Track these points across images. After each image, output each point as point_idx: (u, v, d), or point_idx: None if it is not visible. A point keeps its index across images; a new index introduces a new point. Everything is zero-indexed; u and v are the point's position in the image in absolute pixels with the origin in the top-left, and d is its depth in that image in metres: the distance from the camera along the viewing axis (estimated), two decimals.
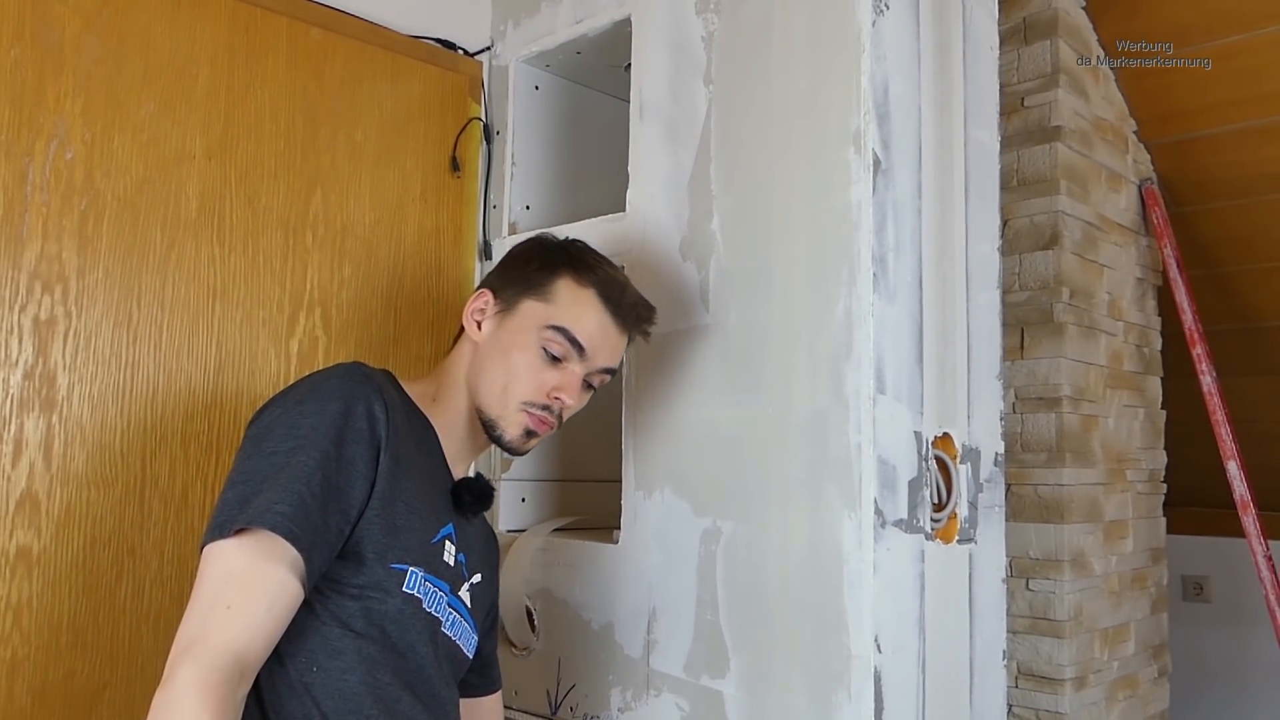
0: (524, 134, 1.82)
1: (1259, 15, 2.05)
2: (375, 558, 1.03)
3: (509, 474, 1.75)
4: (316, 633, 1.01)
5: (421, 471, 1.11)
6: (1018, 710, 2.04)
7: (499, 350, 1.18)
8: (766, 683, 1.28)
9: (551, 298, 1.18)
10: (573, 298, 1.18)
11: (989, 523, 1.40)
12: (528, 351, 1.16)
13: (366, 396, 1.05)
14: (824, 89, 1.30)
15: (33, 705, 1.26)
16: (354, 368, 1.09)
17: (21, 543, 1.26)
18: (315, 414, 1.01)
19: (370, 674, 1.02)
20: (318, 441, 0.99)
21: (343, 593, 1.02)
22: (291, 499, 0.94)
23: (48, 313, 1.30)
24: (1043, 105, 2.10)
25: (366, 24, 1.66)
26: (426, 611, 1.08)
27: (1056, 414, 2.05)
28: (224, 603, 0.90)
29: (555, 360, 1.17)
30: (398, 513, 1.05)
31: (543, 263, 1.21)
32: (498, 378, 1.16)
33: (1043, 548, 2.05)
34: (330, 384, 1.05)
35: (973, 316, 1.40)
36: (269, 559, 0.93)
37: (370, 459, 1.03)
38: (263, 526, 0.92)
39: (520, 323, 1.18)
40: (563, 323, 1.17)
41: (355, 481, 1.01)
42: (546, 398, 1.16)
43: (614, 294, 1.20)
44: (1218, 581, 3.18)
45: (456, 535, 1.15)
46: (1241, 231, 2.44)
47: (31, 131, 1.29)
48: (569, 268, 1.20)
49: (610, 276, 1.22)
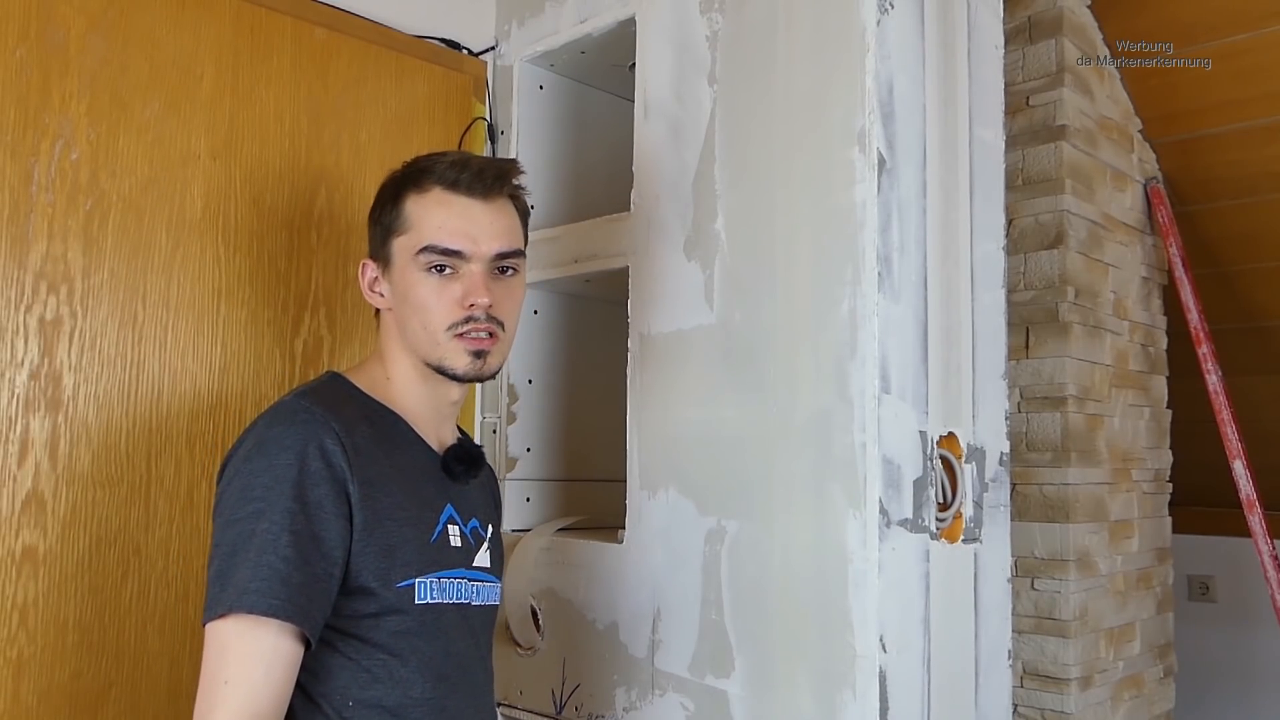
0: (528, 134, 1.82)
1: (1264, 14, 2.04)
2: (380, 584, 1.03)
3: (514, 474, 1.75)
4: (344, 669, 1.03)
5: (401, 474, 1.09)
6: (1023, 710, 2.04)
7: (400, 300, 1.13)
8: (771, 682, 1.28)
9: (408, 224, 1.13)
10: (422, 210, 1.12)
11: (994, 522, 1.40)
12: (420, 285, 1.11)
13: (316, 436, 1.01)
14: (828, 88, 1.29)
15: (38, 705, 1.26)
16: (295, 407, 1.05)
17: (27, 542, 1.26)
18: (266, 470, 0.99)
19: (406, 694, 1.04)
20: (277, 501, 0.98)
21: (360, 625, 1.03)
22: (265, 574, 0.95)
23: (53, 313, 1.30)
24: (1048, 104, 2.10)
25: (371, 24, 1.66)
26: (452, 604, 1.09)
27: (1061, 413, 2.05)
28: (222, 679, 0.94)
29: (448, 276, 1.11)
30: (388, 533, 1.04)
31: (387, 202, 1.16)
32: (414, 323, 1.12)
33: (1048, 547, 2.05)
34: (275, 433, 1.02)
35: (978, 316, 1.39)
36: (257, 627, 0.95)
37: (338, 496, 1.01)
38: (243, 611, 0.94)
39: (399, 265, 1.13)
40: (426, 240, 1.11)
41: (329, 524, 1.00)
42: (463, 310, 1.11)
43: (458, 175, 1.13)
44: (1223, 581, 3.17)
45: (457, 510, 1.15)
46: (1247, 230, 2.44)
47: (37, 132, 1.30)
48: (408, 186, 1.14)
49: (449, 162, 1.14)
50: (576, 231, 1.66)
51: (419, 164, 1.16)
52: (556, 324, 1.85)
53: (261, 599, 0.94)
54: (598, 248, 1.61)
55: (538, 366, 1.81)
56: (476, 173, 1.13)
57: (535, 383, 1.80)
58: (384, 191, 1.18)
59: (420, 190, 1.13)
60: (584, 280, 1.71)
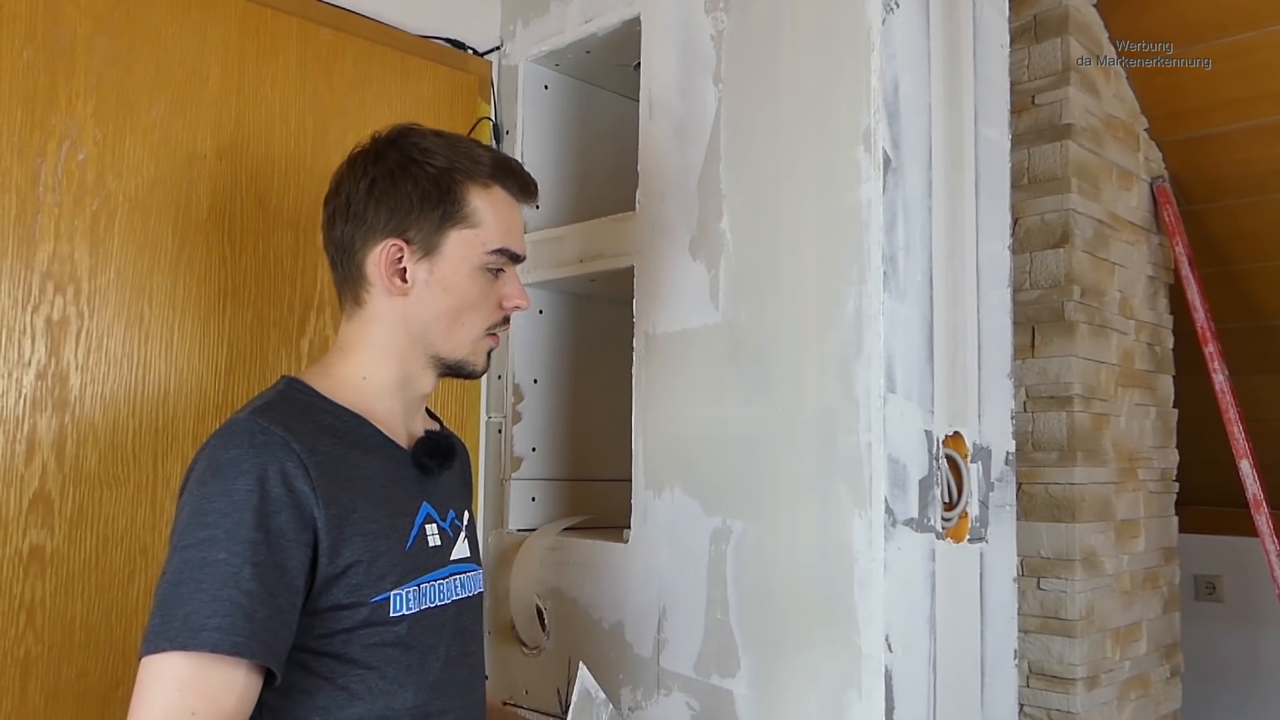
0: (533, 133, 1.82)
1: (1272, 12, 2.04)
2: (353, 602, 1.00)
3: (519, 473, 1.76)
4: (320, 691, 0.99)
5: (370, 484, 1.04)
6: (1029, 710, 2.04)
7: (442, 293, 1.09)
8: (777, 682, 1.28)
9: (473, 219, 1.09)
10: (493, 209, 1.10)
11: (1000, 522, 1.39)
12: (475, 281, 1.10)
13: (276, 460, 0.96)
14: (834, 87, 1.29)
15: (46, 704, 1.26)
16: (251, 428, 0.98)
17: (35, 542, 1.27)
18: (222, 496, 0.94)
19: (389, 706, 1.01)
20: (235, 530, 0.93)
21: (333, 642, 1.00)
22: (226, 609, 0.90)
23: (60, 313, 1.30)
24: (1053, 103, 2.09)
25: (376, 24, 1.66)
26: (436, 607, 1.07)
27: (1068, 413, 2.04)
28: (188, 710, 0.88)
29: (497, 275, 1.12)
30: (358, 551, 1.00)
31: (431, 182, 1.08)
32: (452, 320, 1.10)
33: (1054, 547, 2.04)
34: (231, 456, 0.96)
35: (983, 315, 1.39)
36: (218, 665, 0.90)
37: (300, 522, 0.96)
38: (201, 649, 0.89)
39: (453, 257, 1.09)
40: (500, 243, 1.10)
41: (290, 551, 0.95)
42: (502, 311, 1.14)
43: (511, 179, 1.13)
44: (1230, 581, 3.16)
45: (434, 506, 1.12)
46: (1253, 229, 2.43)
47: (43, 133, 1.30)
48: (465, 176, 1.10)
49: (499, 163, 1.13)
50: (581, 231, 1.66)
51: (461, 148, 1.11)
52: (562, 324, 1.85)
53: (225, 637, 0.89)
54: (603, 247, 1.61)
55: (543, 366, 1.81)
56: (525, 184, 1.16)
57: (540, 382, 1.81)
58: (415, 168, 1.09)
59: (482, 185, 1.10)
60: (589, 280, 1.71)
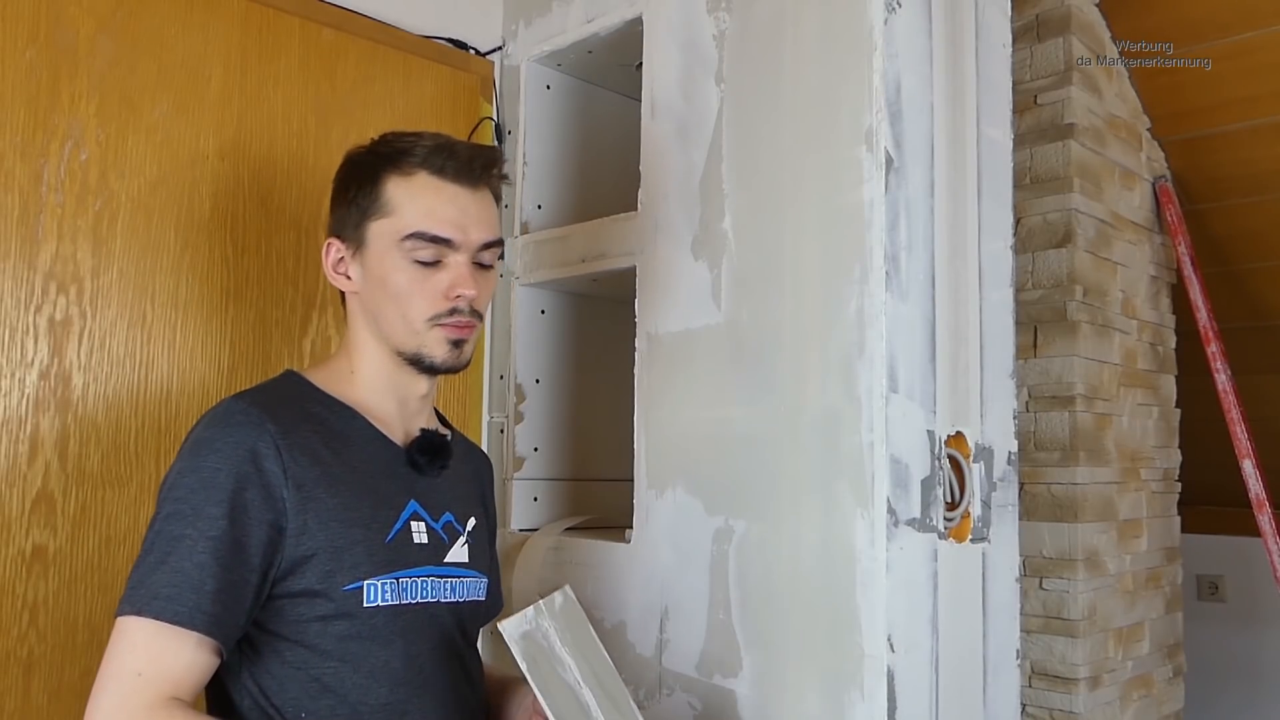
0: (535, 133, 1.82)
1: (1272, 12, 2.04)
2: (325, 586, 1.01)
3: (521, 473, 1.76)
4: (293, 681, 1.01)
5: (353, 473, 1.06)
6: (1032, 710, 2.04)
7: (376, 286, 1.09)
8: (779, 682, 1.28)
9: (389, 208, 1.08)
10: (408, 194, 1.08)
11: (1002, 522, 1.39)
12: (402, 272, 1.08)
13: (248, 438, 1.00)
14: (836, 87, 1.29)
15: (49, 704, 1.27)
16: (232, 409, 1.03)
17: (38, 542, 1.27)
18: (192, 473, 0.99)
19: (361, 701, 1.02)
20: (200, 506, 0.97)
21: (307, 630, 1.01)
22: (176, 580, 0.94)
23: (63, 313, 1.31)
24: (1056, 103, 2.09)
25: (379, 24, 1.66)
26: (415, 604, 1.07)
27: (1070, 412, 2.04)
28: (134, 670, 0.93)
29: (432, 265, 1.08)
30: (331, 536, 1.01)
31: (362, 179, 1.11)
32: (392, 312, 1.09)
33: (1056, 547, 2.04)
34: (208, 435, 1.01)
35: (986, 315, 1.39)
36: (165, 632, 0.94)
37: (266, 500, 0.99)
38: (152, 616, 0.93)
39: (378, 249, 1.09)
40: (415, 226, 1.07)
41: (251, 529, 0.98)
42: (448, 302, 1.08)
43: (445, 161, 1.09)
44: (1233, 581, 3.16)
45: (424, 506, 1.11)
46: (1256, 228, 2.43)
47: (46, 133, 1.30)
48: (388, 166, 1.09)
49: (432, 146, 1.10)
50: (584, 231, 1.66)
51: (395, 143, 1.11)
52: (564, 324, 1.85)
53: (169, 605, 0.93)
54: (605, 247, 1.61)
55: (545, 366, 1.81)
56: (466, 161, 1.10)
57: (543, 382, 1.81)
58: (355, 169, 1.13)
59: (403, 173, 1.09)
60: (591, 280, 1.71)
